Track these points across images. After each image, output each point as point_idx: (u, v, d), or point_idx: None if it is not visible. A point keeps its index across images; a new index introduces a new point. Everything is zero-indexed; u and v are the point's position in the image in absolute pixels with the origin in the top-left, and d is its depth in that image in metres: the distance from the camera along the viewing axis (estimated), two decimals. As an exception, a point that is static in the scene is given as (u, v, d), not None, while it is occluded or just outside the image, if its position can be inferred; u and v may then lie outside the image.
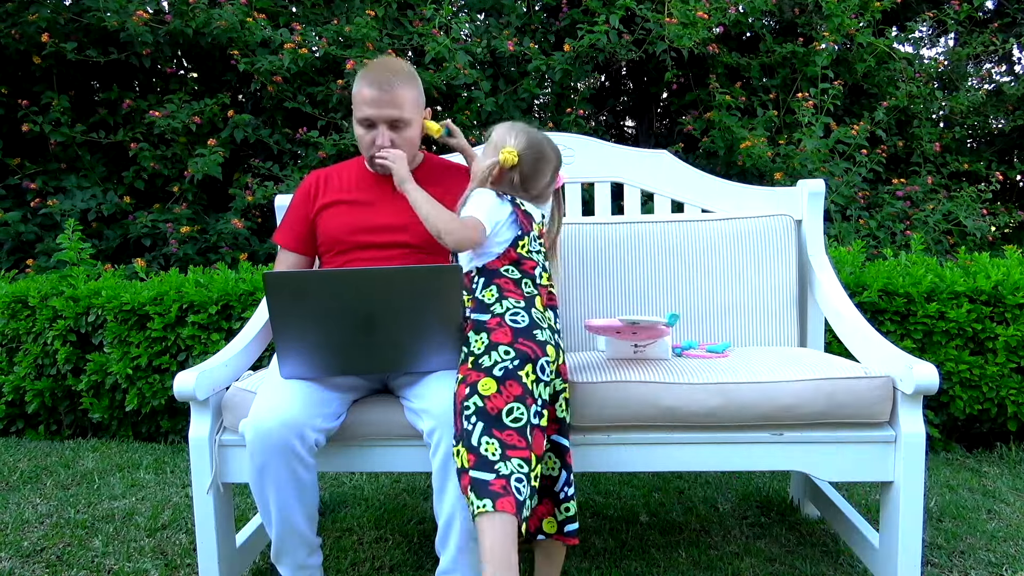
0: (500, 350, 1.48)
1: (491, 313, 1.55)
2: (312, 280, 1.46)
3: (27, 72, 4.34)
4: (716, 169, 4.24)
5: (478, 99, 4.20)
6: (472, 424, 1.42)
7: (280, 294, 1.45)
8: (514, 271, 1.62)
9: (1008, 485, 2.39)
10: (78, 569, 1.91)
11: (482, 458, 1.39)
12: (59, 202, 4.01)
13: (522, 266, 1.63)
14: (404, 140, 1.84)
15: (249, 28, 4.02)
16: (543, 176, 1.71)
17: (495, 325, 1.52)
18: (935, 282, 2.63)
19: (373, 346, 1.54)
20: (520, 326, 1.52)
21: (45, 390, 3.03)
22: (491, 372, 1.46)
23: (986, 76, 5.22)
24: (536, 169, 1.69)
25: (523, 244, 1.64)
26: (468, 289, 1.62)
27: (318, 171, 1.99)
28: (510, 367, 1.46)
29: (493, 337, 1.50)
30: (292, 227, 1.96)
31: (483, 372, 1.46)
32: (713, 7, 4.18)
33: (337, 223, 1.88)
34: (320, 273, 1.46)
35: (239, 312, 2.82)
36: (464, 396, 1.46)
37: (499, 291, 1.58)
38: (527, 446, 1.41)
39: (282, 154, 4.32)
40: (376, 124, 1.81)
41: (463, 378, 1.49)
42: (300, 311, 1.47)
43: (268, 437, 1.50)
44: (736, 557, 1.91)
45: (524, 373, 1.46)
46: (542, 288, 1.64)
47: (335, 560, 1.94)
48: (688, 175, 2.25)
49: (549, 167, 1.72)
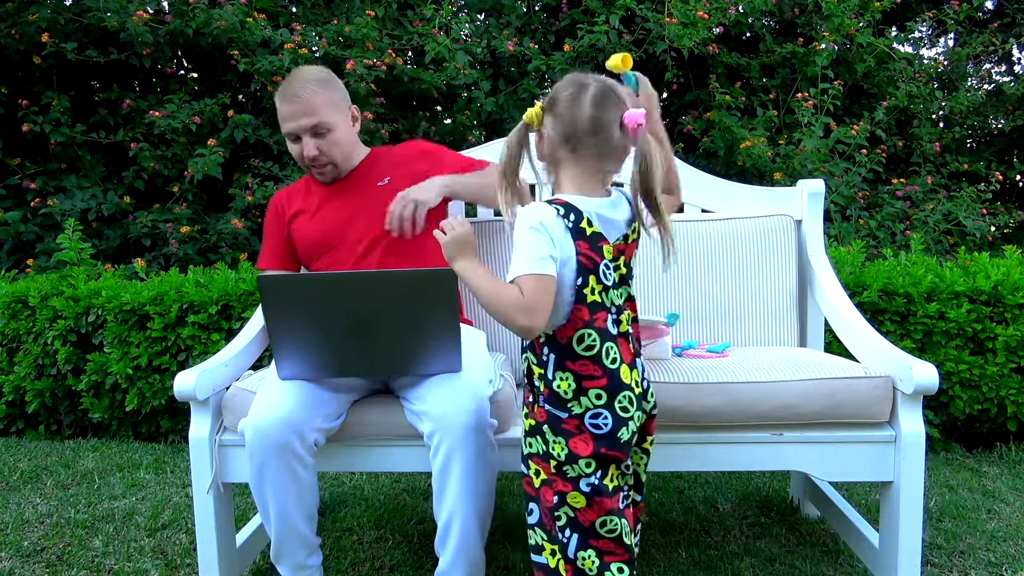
0: (581, 463, 1.28)
1: (568, 412, 1.29)
2: (306, 282, 1.46)
3: (27, 72, 4.34)
4: (716, 169, 4.23)
5: (478, 99, 4.20)
6: (567, 536, 1.30)
7: (275, 297, 1.45)
8: (592, 337, 1.28)
9: (1008, 485, 2.39)
10: (78, 569, 1.91)
11: (580, 571, 1.31)
12: (59, 202, 4.01)
13: (596, 323, 1.29)
14: (332, 144, 1.86)
15: (249, 28, 4.02)
16: (596, 114, 1.25)
17: (574, 429, 1.29)
18: (935, 282, 2.63)
19: (370, 349, 1.54)
20: (603, 432, 1.28)
21: (45, 390, 3.03)
22: (578, 486, 1.28)
23: (986, 76, 5.22)
24: (577, 109, 1.26)
25: (591, 287, 1.28)
26: (537, 359, 1.34)
27: (279, 192, 2.03)
28: (596, 483, 1.29)
29: (572, 446, 1.28)
30: (272, 250, 2.00)
31: (569, 483, 1.29)
32: (713, 7, 4.18)
33: (309, 229, 1.92)
34: (314, 276, 1.47)
35: (239, 312, 2.82)
36: (553, 505, 1.30)
37: (576, 380, 1.29)
38: (625, 550, 1.32)
39: (282, 154, 4.31)
40: (300, 136, 1.83)
41: (547, 480, 1.31)
42: (295, 313, 1.47)
43: (267, 436, 1.51)
44: (736, 557, 1.91)
45: (609, 479, 1.31)
46: (621, 339, 1.33)
47: (335, 560, 1.94)
48: (688, 175, 2.24)
49: (598, 98, 1.26)
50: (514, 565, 1.89)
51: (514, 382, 1.80)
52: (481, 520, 1.54)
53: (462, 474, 1.50)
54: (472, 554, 1.55)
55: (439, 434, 1.50)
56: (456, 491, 1.50)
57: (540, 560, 1.35)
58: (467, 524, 1.52)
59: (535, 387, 1.35)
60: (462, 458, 1.50)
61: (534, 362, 1.35)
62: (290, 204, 1.98)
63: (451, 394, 1.53)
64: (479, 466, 1.50)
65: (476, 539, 1.55)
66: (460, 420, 1.49)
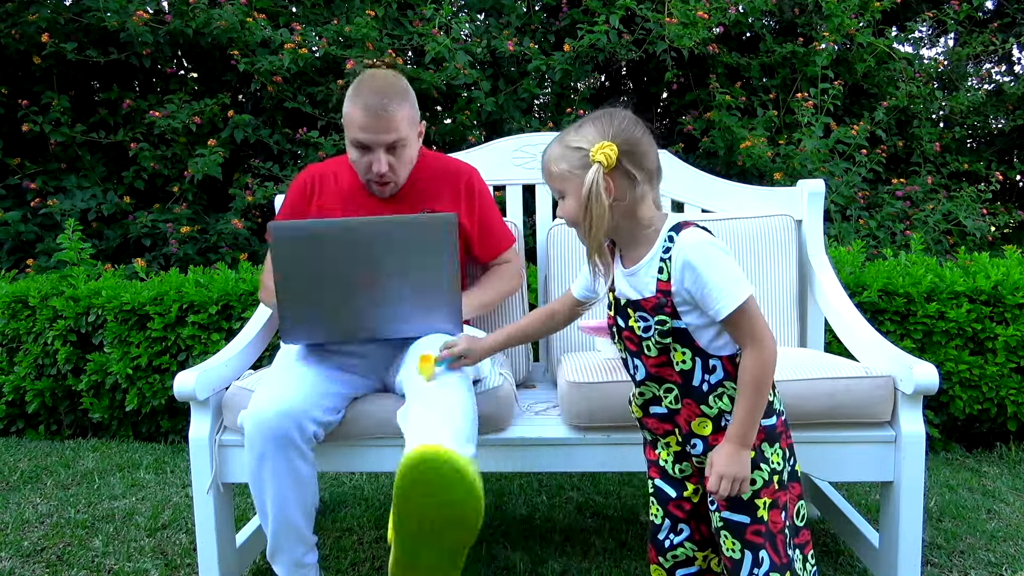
0: (785, 454, 1.29)
1: (775, 413, 1.29)
2: (315, 227, 1.48)
3: (27, 72, 4.34)
4: (716, 169, 4.23)
5: (478, 99, 4.20)
6: (793, 550, 1.29)
7: (285, 245, 1.47)
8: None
9: (1008, 485, 2.39)
10: (78, 569, 1.91)
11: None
12: (59, 202, 4.01)
13: None
14: (402, 162, 1.78)
15: (249, 28, 4.02)
16: (651, 146, 1.29)
17: (782, 427, 1.30)
18: (935, 282, 2.63)
19: (373, 306, 1.55)
20: (785, 416, 1.32)
21: (45, 390, 3.03)
22: (785, 484, 1.29)
23: (986, 76, 5.22)
24: (652, 144, 1.29)
25: None
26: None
27: (314, 167, 1.94)
28: (790, 469, 1.31)
29: (783, 444, 1.29)
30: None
31: (783, 489, 1.29)
32: (713, 7, 4.18)
33: None
34: (323, 221, 1.50)
35: (239, 312, 2.82)
36: (782, 525, 1.27)
37: None
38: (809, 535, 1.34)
39: (282, 154, 4.31)
40: (372, 148, 1.74)
41: (771, 503, 1.26)
42: (304, 263, 1.49)
43: (266, 426, 1.50)
44: (736, 557, 1.91)
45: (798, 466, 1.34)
46: None
47: (335, 560, 1.94)
48: (688, 175, 2.25)
49: (647, 132, 1.29)
50: (514, 565, 1.89)
51: (513, 381, 1.80)
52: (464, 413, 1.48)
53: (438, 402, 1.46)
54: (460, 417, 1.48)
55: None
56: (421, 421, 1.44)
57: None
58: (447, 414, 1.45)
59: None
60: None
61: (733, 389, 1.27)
62: (321, 191, 1.88)
63: (427, 415, 1.46)
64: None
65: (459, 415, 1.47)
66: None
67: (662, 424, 1.34)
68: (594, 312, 2.10)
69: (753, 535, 1.25)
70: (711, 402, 1.27)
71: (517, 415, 1.79)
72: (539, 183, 2.28)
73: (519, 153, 2.28)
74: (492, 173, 2.26)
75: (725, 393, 1.27)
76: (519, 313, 2.11)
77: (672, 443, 1.35)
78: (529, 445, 1.67)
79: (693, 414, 1.28)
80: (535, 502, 2.32)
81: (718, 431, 1.27)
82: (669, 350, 1.28)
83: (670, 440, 1.36)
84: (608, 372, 1.68)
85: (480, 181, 1.96)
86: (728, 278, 1.21)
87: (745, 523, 1.26)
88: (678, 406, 1.30)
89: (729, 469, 1.22)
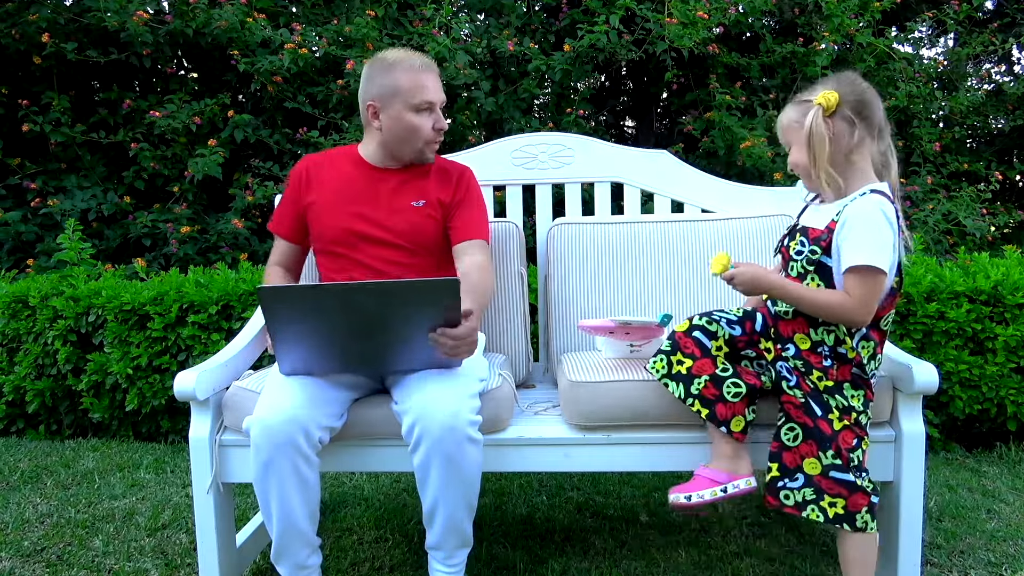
0: (865, 403, 1.51)
1: (866, 373, 1.51)
2: (306, 294, 1.44)
3: (27, 72, 4.34)
4: (716, 169, 4.23)
5: (478, 99, 4.20)
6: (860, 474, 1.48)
7: (275, 308, 1.45)
8: (893, 317, 1.55)
9: (1007, 485, 2.39)
10: (78, 569, 1.91)
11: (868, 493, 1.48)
12: (59, 202, 4.01)
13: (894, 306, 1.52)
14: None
15: (249, 28, 4.02)
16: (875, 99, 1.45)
17: (868, 385, 1.52)
18: (935, 282, 2.63)
19: (373, 350, 1.55)
20: (875, 382, 1.56)
21: (45, 390, 3.03)
22: (863, 424, 1.50)
23: (986, 76, 5.22)
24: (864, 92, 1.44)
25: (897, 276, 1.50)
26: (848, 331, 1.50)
27: (310, 157, 1.95)
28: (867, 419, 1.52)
29: (868, 396, 1.52)
30: (284, 217, 1.96)
31: (864, 430, 1.50)
32: (713, 7, 4.18)
33: (328, 222, 1.86)
34: (314, 288, 1.44)
35: (239, 312, 2.82)
36: (851, 446, 1.47)
37: (874, 347, 1.51)
38: None
39: (282, 154, 4.32)
40: (434, 108, 1.84)
41: (846, 424, 1.47)
42: (296, 322, 1.47)
43: (274, 433, 1.51)
44: (736, 557, 1.91)
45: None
46: None
47: (335, 560, 1.94)
48: (688, 175, 2.25)
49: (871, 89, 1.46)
50: (514, 565, 1.89)
51: (513, 382, 1.80)
52: (467, 503, 1.57)
53: (442, 469, 1.52)
54: (460, 533, 1.60)
55: (418, 427, 1.51)
56: (439, 479, 1.53)
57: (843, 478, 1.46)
58: (452, 509, 1.56)
59: (839, 354, 1.48)
60: (441, 455, 1.51)
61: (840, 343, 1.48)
62: (318, 182, 1.89)
63: (432, 391, 1.54)
64: (459, 459, 1.52)
65: (462, 520, 1.58)
66: (437, 417, 1.50)
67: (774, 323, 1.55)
68: (598, 312, 2.11)
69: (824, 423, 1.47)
70: (819, 331, 1.49)
71: (517, 415, 1.79)
72: (539, 183, 2.28)
73: (519, 153, 2.28)
74: (492, 173, 2.26)
75: (834, 333, 1.47)
76: (519, 313, 2.11)
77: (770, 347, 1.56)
78: (529, 445, 1.67)
79: (800, 329, 1.50)
80: (535, 502, 2.32)
81: (812, 352, 1.49)
82: (807, 276, 1.48)
83: (768, 346, 1.56)
84: (608, 372, 1.68)
85: (473, 178, 1.97)
86: (871, 241, 1.38)
87: (818, 415, 1.47)
88: (790, 317, 1.52)
89: (751, 270, 1.49)
